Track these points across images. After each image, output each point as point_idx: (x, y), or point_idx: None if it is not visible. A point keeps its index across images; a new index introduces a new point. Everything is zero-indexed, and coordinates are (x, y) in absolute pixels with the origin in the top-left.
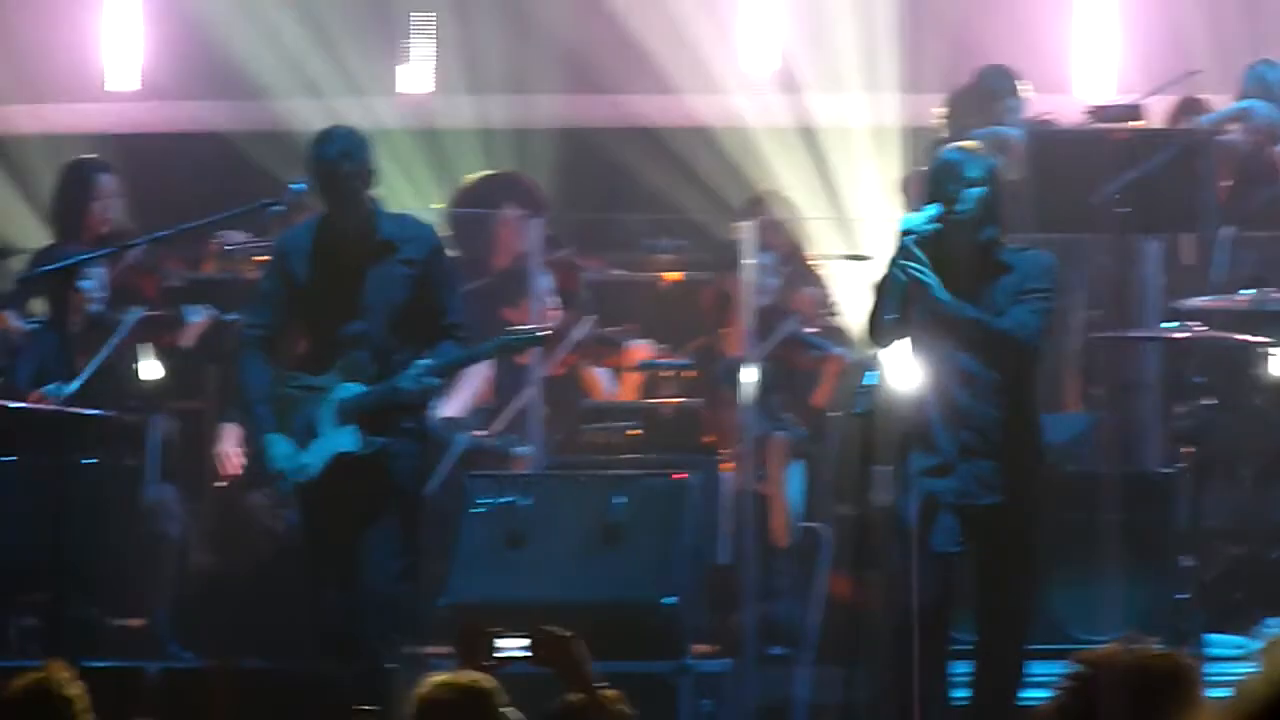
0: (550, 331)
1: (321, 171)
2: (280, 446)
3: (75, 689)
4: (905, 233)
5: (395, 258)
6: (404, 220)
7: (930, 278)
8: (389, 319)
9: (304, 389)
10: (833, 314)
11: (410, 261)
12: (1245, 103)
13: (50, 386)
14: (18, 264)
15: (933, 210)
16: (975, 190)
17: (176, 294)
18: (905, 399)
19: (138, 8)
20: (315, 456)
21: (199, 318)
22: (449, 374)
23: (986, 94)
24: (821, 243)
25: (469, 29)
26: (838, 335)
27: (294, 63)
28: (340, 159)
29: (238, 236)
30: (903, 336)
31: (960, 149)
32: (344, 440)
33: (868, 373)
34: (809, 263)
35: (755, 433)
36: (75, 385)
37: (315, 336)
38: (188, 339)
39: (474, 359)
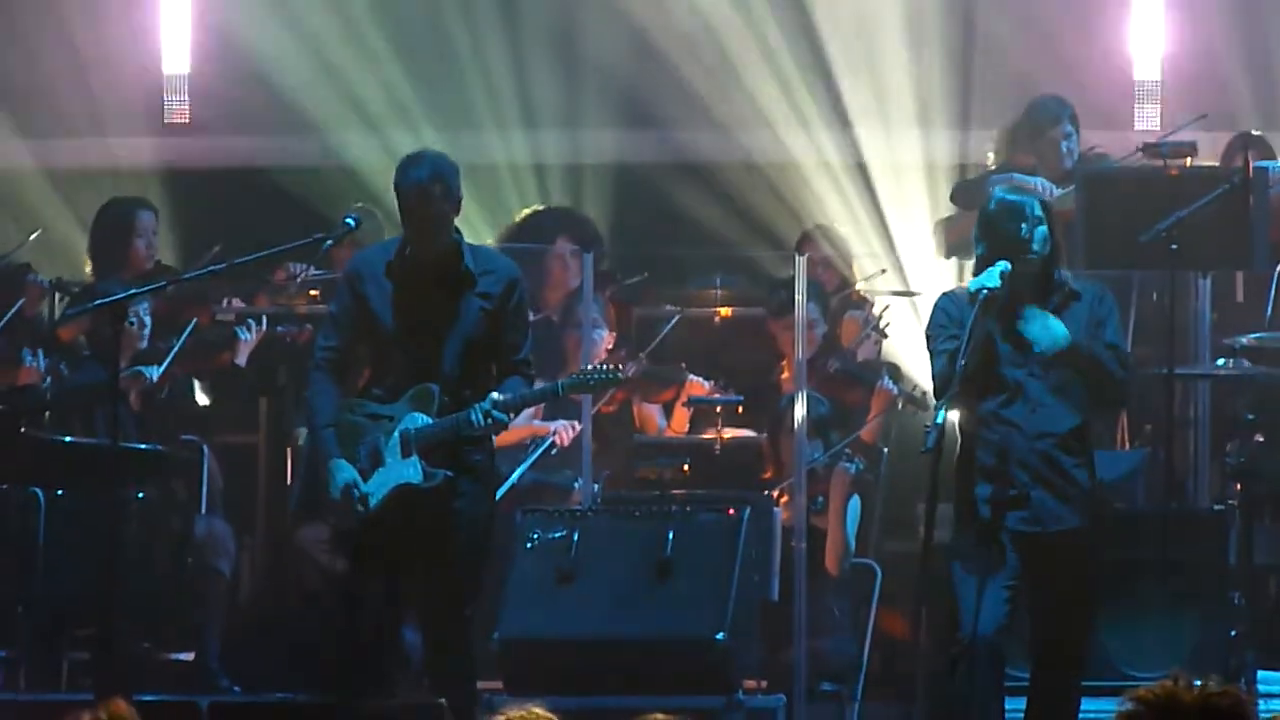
0: (628, 375)
1: (409, 194)
2: (345, 473)
3: None
4: (979, 291)
5: (474, 290)
6: (484, 253)
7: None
8: (462, 352)
9: (371, 417)
10: (879, 346)
11: (487, 295)
12: None
13: (143, 368)
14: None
15: (1003, 267)
16: (1043, 229)
17: (229, 325)
18: (970, 433)
19: (189, 40)
20: (378, 486)
21: (250, 335)
22: (518, 410)
23: (1037, 127)
24: (872, 279)
25: (521, 63)
26: (884, 370)
27: (348, 96)
28: (431, 182)
29: (297, 268)
30: (974, 382)
31: (1014, 189)
32: (408, 472)
33: (936, 412)
34: (856, 297)
35: (812, 465)
36: (161, 369)
37: (386, 364)
38: (241, 356)
39: (545, 397)
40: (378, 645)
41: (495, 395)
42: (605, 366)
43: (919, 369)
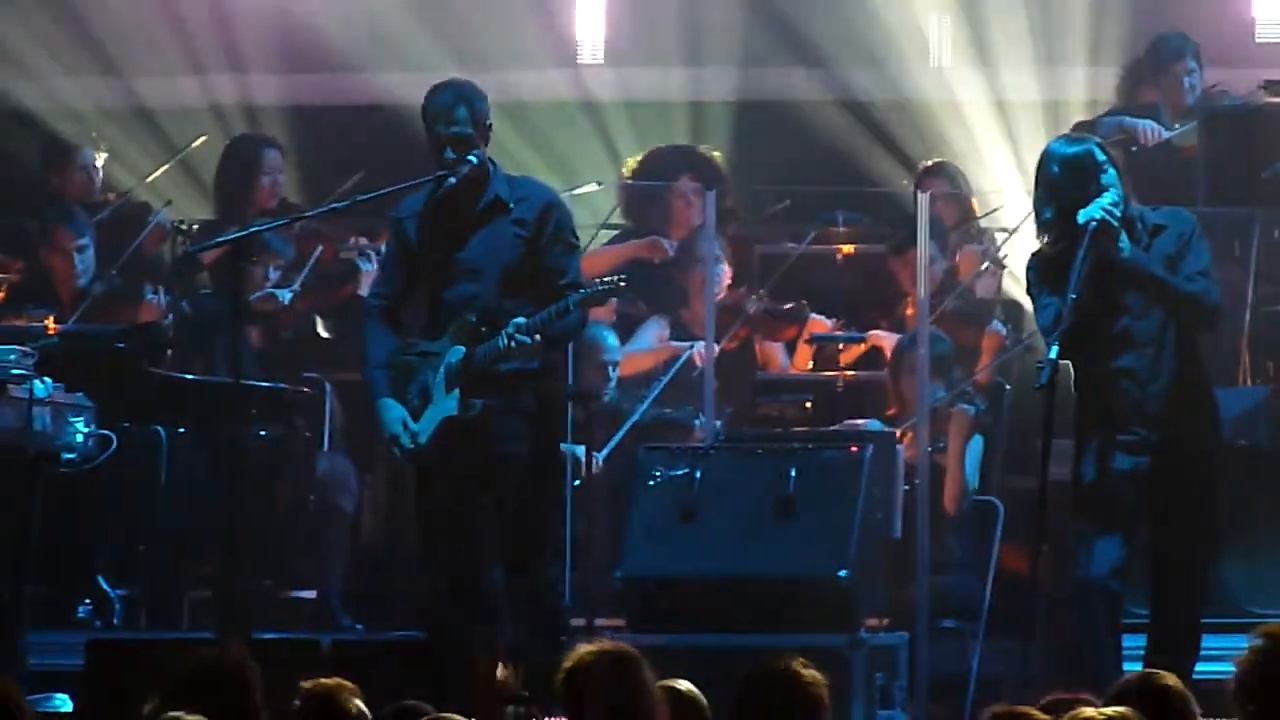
0: (624, 283)
1: (435, 118)
2: (393, 411)
3: (250, 666)
4: (1088, 223)
5: (507, 218)
6: (520, 181)
7: (1139, 254)
8: (500, 280)
9: (422, 355)
10: (999, 281)
11: (521, 221)
12: None
13: (275, 290)
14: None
15: (1113, 196)
16: (1112, 172)
17: (351, 260)
18: (1081, 372)
19: None
20: (426, 423)
21: (372, 265)
22: (540, 331)
23: (1160, 63)
24: (993, 214)
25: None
26: (998, 310)
27: (467, 35)
28: (455, 105)
29: None
30: (1081, 317)
31: (1068, 140)
32: (449, 405)
33: (1049, 347)
34: (975, 232)
35: (935, 405)
36: (291, 291)
37: (431, 300)
38: (362, 286)
39: (559, 314)
40: (465, 582)
41: (517, 319)
42: (607, 279)
43: None
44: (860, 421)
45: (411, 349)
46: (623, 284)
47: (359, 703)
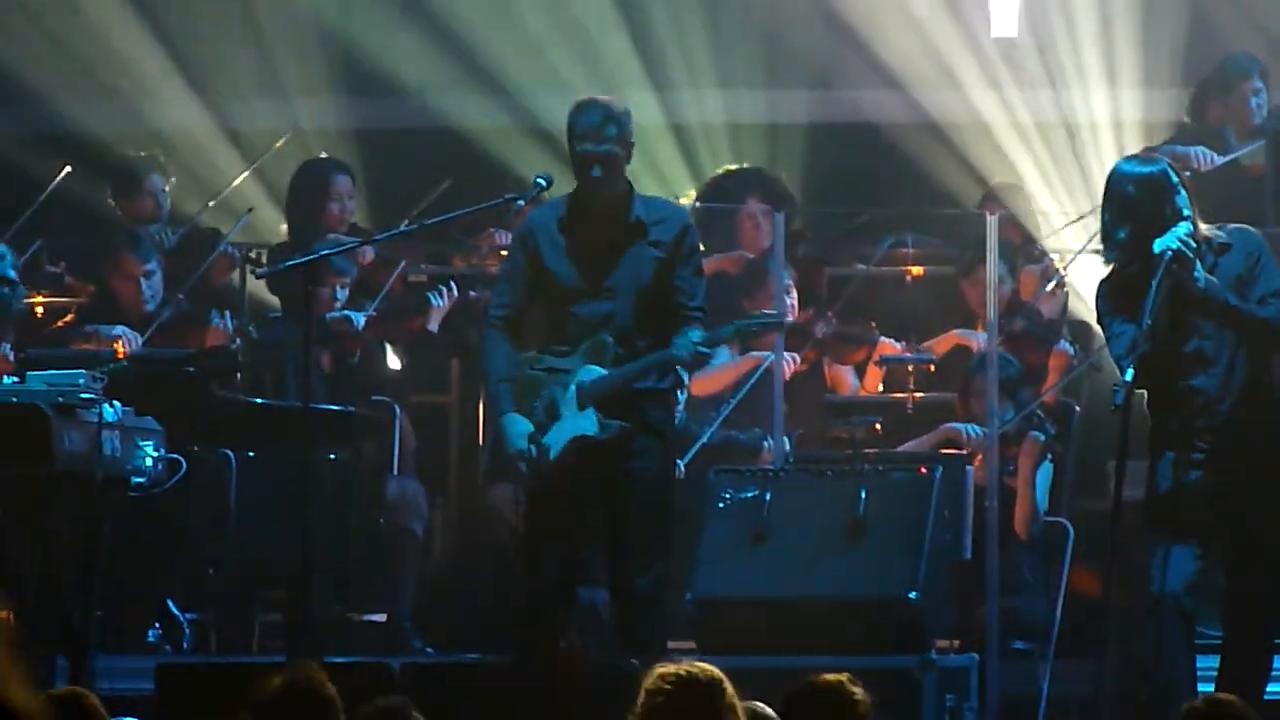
0: (787, 320)
1: (583, 136)
2: (519, 426)
3: (331, 688)
4: (1164, 252)
5: (646, 239)
6: (656, 203)
7: (1213, 283)
8: (636, 302)
9: (548, 370)
10: (1064, 302)
11: (659, 244)
12: None
13: (350, 313)
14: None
15: (1188, 226)
16: (1184, 193)
17: (422, 289)
18: (1152, 394)
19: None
20: (554, 439)
21: (442, 301)
22: (695, 356)
23: (1227, 82)
24: (1055, 234)
25: (718, 25)
26: (1065, 330)
27: (542, 56)
28: (604, 124)
29: (502, 237)
30: (1156, 345)
31: (1138, 160)
32: (584, 424)
33: (1124, 370)
34: (1038, 252)
35: (1004, 428)
36: (365, 314)
37: (561, 317)
38: (433, 322)
39: (713, 343)
40: (557, 604)
41: (695, 333)
42: (766, 313)
43: None
44: (959, 426)
45: (536, 364)
46: (778, 320)
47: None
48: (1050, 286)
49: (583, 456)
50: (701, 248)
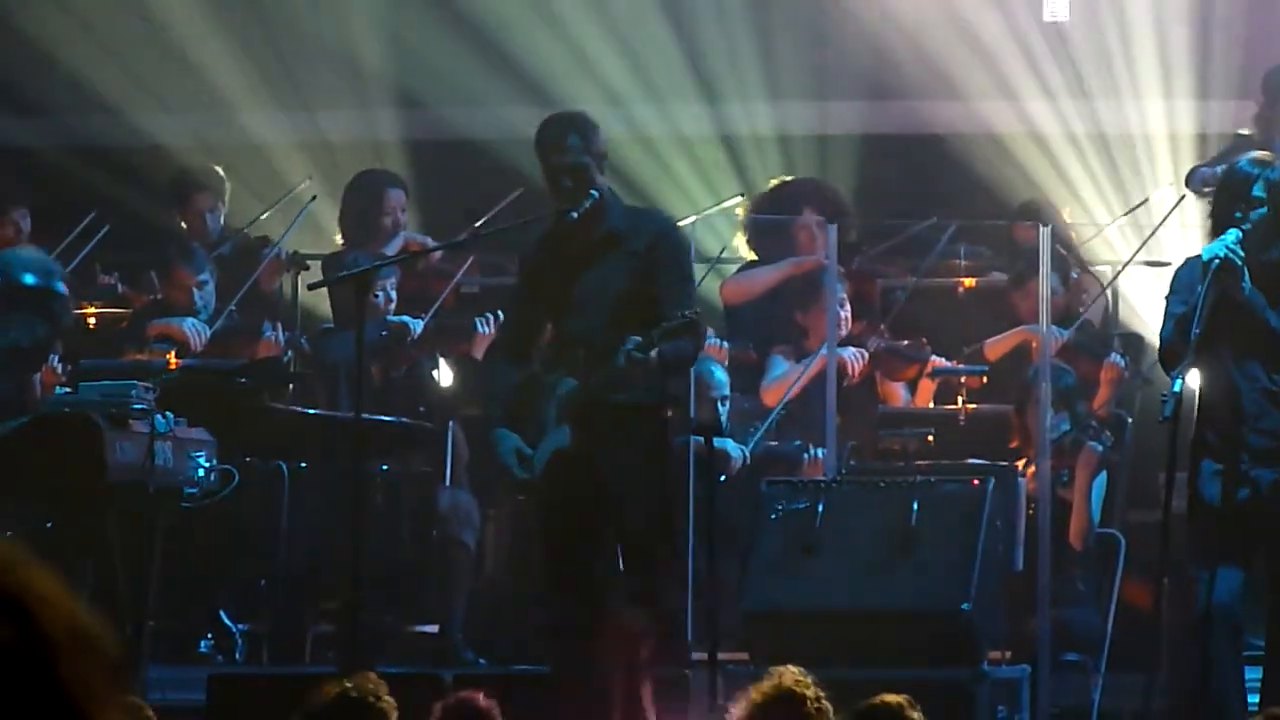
0: (697, 316)
1: (545, 150)
2: (507, 442)
3: (387, 700)
4: (1211, 260)
5: (621, 249)
6: (635, 212)
7: (1258, 297)
8: (609, 312)
9: (542, 387)
10: (1106, 313)
11: (634, 253)
12: None
13: (408, 319)
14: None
15: (1236, 235)
16: (1259, 211)
17: (474, 301)
18: (1201, 406)
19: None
20: (541, 454)
21: (488, 329)
22: (652, 347)
23: (1273, 96)
24: (1086, 244)
25: (768, 36)
26: (1116, 342)
27: (591, 69)
28: (564, 135)
29: None
30: (1205, 354)
31: (1254, 161)
32: (560, 438)
33: (1174, 380)
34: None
35: (1061, 439)
36: (423, 323)
37: (553, 333)
38: (478, 349)
39: (648, 346)
40: (575, 612)
41: (634, 338)
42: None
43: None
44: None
45: (532, 381)
46: (698, 314)
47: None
48: (1094, 299)
49: (565, 471)
50: (753, 256)
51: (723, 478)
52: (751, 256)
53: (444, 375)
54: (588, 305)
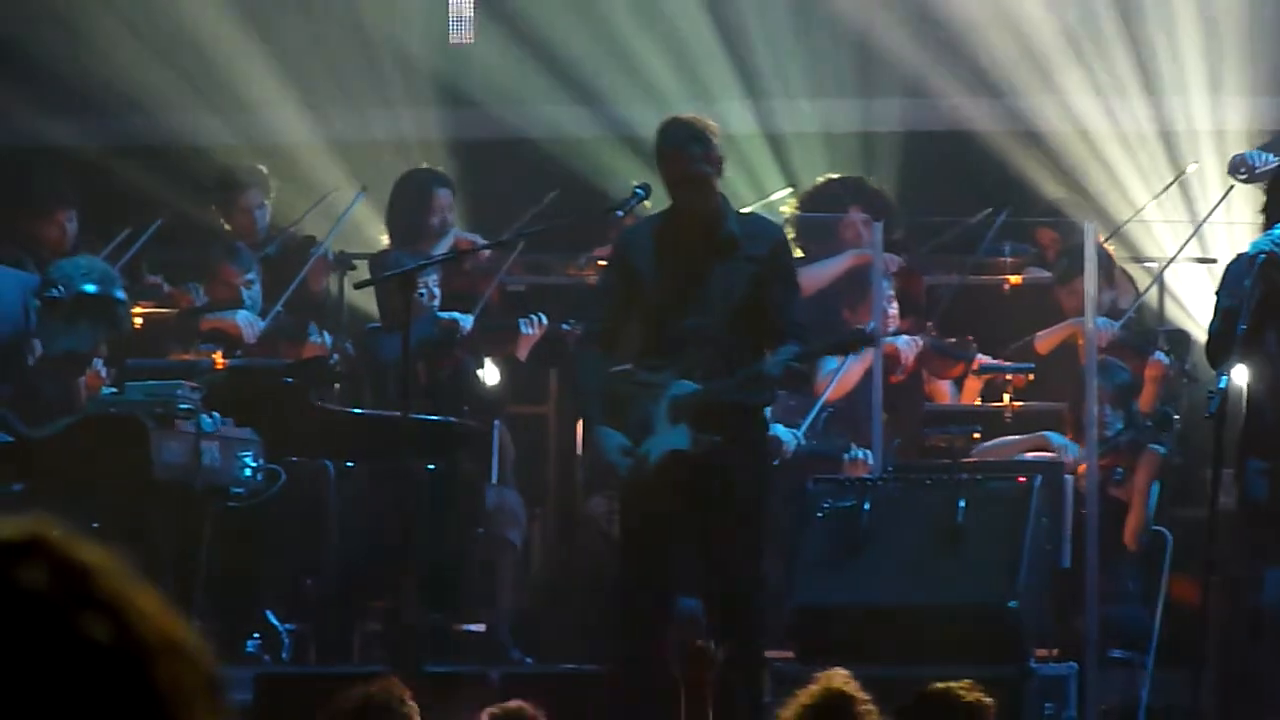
0: (887, 333)
1: (668, 157)
2: (612, 439)
3: (410, 705)
4: (1256, 255)
5: (739, 254)
6: (749, 217)
7: None
8: (729, 316)
9: (641, 385)
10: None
11: (754, 258)
12: None
13: (458, 315)
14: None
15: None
16: None
17: (519, 299)
18: (1248, 403)
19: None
20: (649, 452)
21: (532, 330)
22: (790, 372)
23: None
24: (1162, 245)
25: (810, 35)
26: (1161, 339)
27: (636, 67)
28: (689, 143)
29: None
30: (1252, 349)
31: None
32: (675, 438)
33: (1219, 376)
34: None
35: (1118, 438)
36: (472, 318)
37: (655, 332)
38: (521, 350)
39: (810, 356)
40: (655, 613)
41: (791, 348)
42: (864, 326)
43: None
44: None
45: (628, 379)
46: (876, 334)
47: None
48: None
49: (675, 470)
50: (800, 254)
51: (775, 463)
52: (798, 254)
53: (489, 375)
54: (706, 306)
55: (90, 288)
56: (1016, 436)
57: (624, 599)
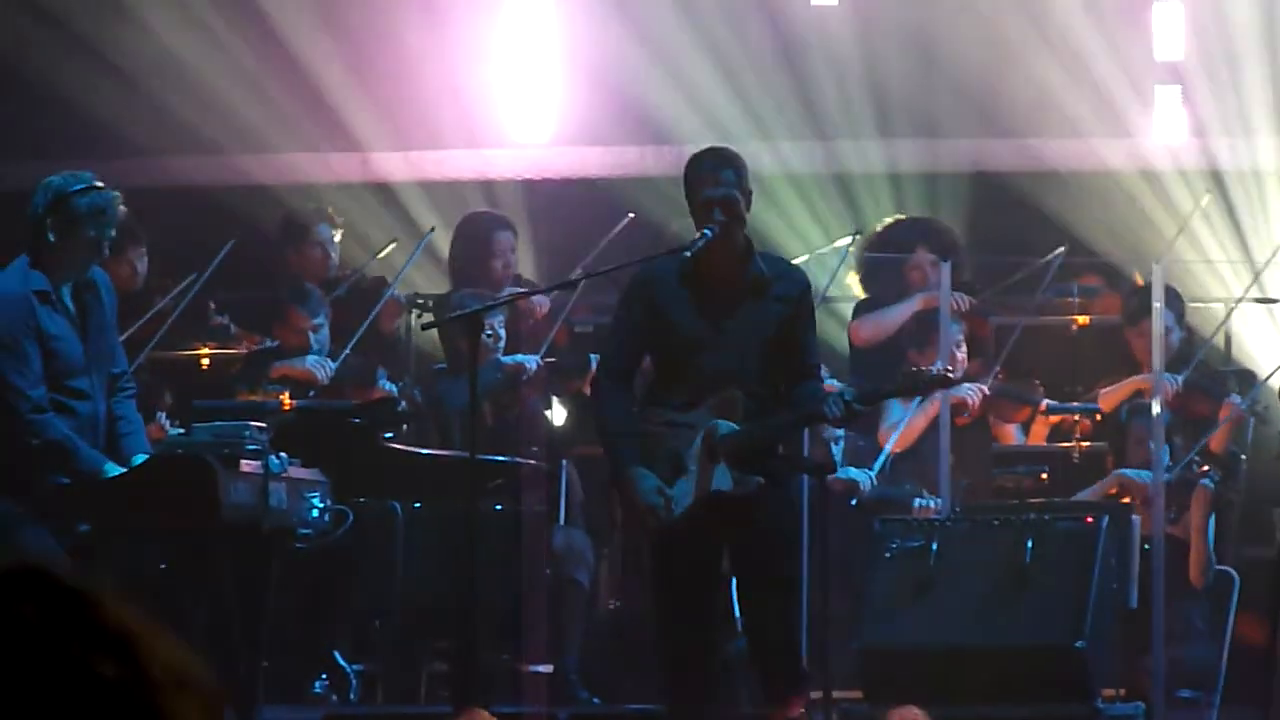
0: (953, 374)
1: (698, 185)
2: (648, 481)
3: None
4: None
5: (770, 294)
6: (774, 259)
7: None
8: (758, 355)
9: (669, 425)
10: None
11: (784, 299)
12: None
13: (524, 358)
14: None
15: None
16: None
17: (587, 340)
18: None
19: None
20: (681, 494)
21: None
22: (851, 413)
23: None
24: (1228, 286)
25: (878, 73)
26: (1233, 380)
27: (702, 107)
28: (719, 170)
29: None
30: None
31: None
32: (719, 479)
33: None
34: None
35: (1171, 476)
36: (538, 359)
37: (680, 369)
38: (589, 385)
39: (876, 397)
40: (702, 653)
41: (847, 390)
42: (932, 368)
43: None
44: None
45: (655, 418)
46: (945, 376)
47: None
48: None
49: (713, 510)
50: (865, 296)
51: (854, 501)
52: (862, 295)
53: (557, 414)
54: (735, 346)
55: None
56: (1097, 485)
57: (670, 644)
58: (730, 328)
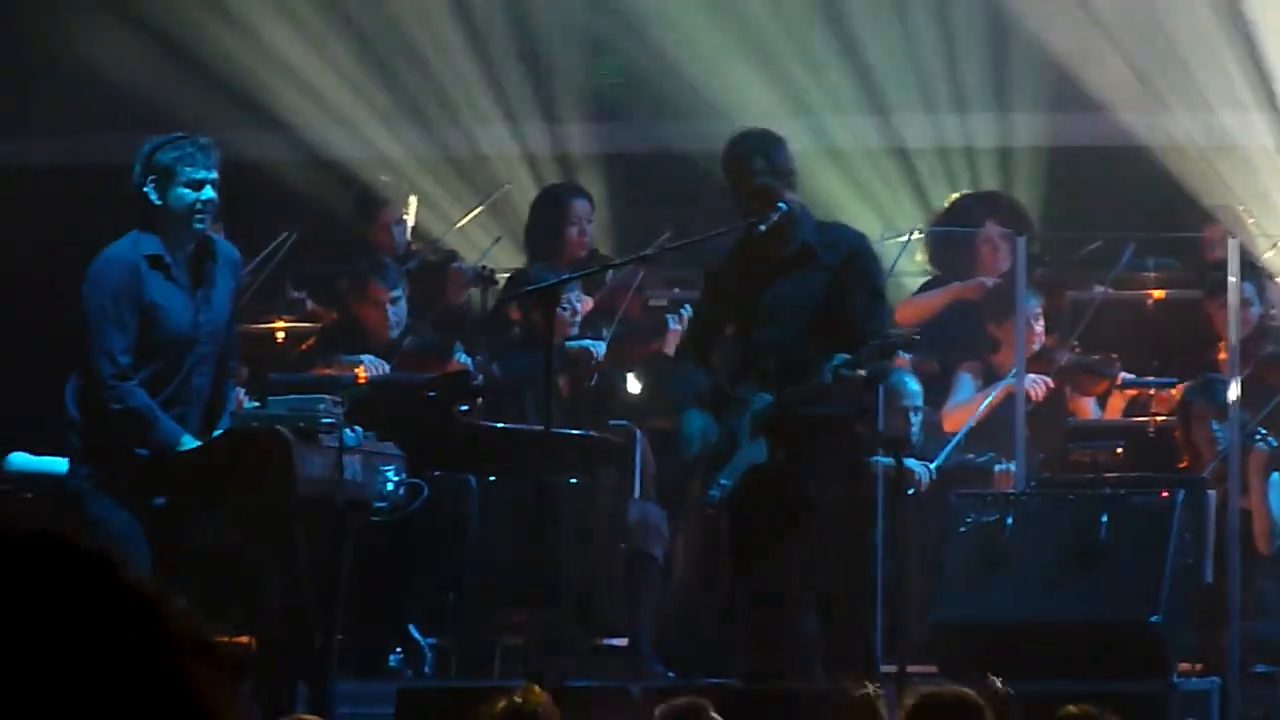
0: (916, 336)
1: (730, 170)
2: (695, 420)
3: (553, 709)
4: None
5: (813, 263)
6: (829, 226)
7: None
8: (805, 326)
9: (733, 400)
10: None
11: (827, 267)
12: None
13: (589, 343)
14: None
15: None
16: None
17: (661, 312)
18: None
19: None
20: (732, 470)
21: (679, 326)
22: (841, 379)
23: None
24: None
25: (950, 46)
26: None
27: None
28: (751, 156)
29: None
30: None
31: None
32: (755, 452)
33: None
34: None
35: (1231, 449)
36: (605, 344)
37: (740, 344)
38: (669, 345)
39: (858, 362)
40: (774, 628)
41: (841, 356)
42: (901, 330)
43: None
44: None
45: (721, 395)
46: (916, 338)
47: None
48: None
49: (760, 484)
50: (935, 271)
51: (910, 491)
52: (931, 270)
53: (632, 384)
54: (779, 317)
55: None
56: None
57: (733, 615)
58: (774, 300)
